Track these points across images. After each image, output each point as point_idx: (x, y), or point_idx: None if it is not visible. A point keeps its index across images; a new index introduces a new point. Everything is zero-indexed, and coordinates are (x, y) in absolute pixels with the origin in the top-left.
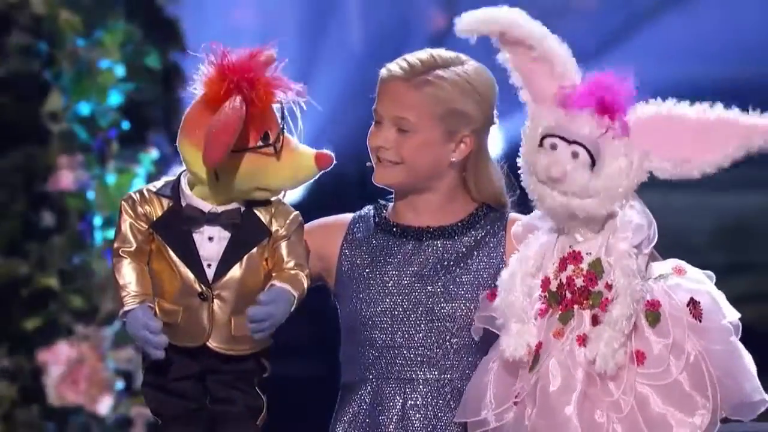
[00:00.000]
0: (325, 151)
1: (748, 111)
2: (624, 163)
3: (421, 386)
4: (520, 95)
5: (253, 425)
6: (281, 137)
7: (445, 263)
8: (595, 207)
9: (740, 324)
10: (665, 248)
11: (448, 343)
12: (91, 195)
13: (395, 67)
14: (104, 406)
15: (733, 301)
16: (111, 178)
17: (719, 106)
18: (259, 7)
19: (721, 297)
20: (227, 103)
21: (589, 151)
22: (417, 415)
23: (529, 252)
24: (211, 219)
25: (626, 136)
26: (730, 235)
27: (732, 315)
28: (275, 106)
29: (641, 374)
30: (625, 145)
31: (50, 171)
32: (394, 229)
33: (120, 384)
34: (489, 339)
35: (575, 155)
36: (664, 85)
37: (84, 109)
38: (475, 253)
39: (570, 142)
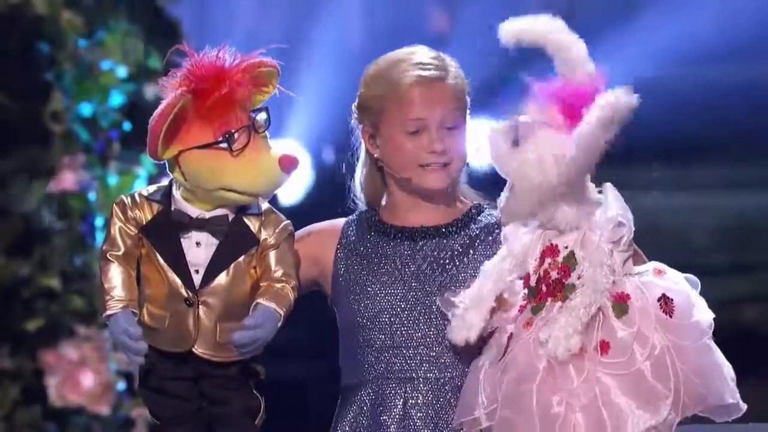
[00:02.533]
0: (290, 153)
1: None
2: (538, 156)
3: (421, 385)
4: None
5: (251, 425)
6: (244, 137)
7: (442, 261)
8: (510, 196)
9: (713, 324)
10: (667, 248)
11: (446, 341)
12: (92, 196)
13: (426, 72)
14: (106, 406)
15: (735, 301)
16: (112, 179)
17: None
18: (260, 7)
19: (697, 298)
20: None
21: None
22: (419, 414)
23: (513, 249)
24: (199, 224)
25: (567, 138)
26: (732, 236)
27: (705, 315)
28: (257, 113)
29: (605, 364)
30: (553, 144)
31: (52, 172)
32: (389, 231)
33: (121, 385)
34: (489, 338)
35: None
36: (664, 86)
37: (85, 109)
38: (471, 251)
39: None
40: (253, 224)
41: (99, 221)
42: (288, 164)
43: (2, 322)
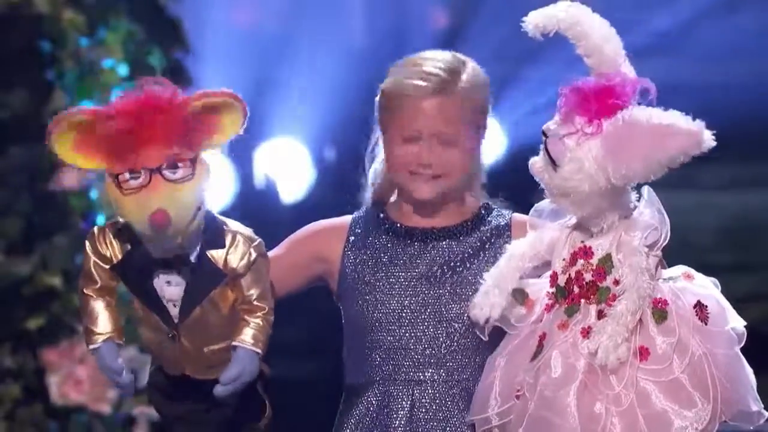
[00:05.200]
0: (163, 210)
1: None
2: (580, 165)
3: (429, 387)
4: None
5: (255, 427)
6: (145, 178)
7: (452, 264)
8: (568, 206)
9: (745, 332)
10: (669, 248)
11: (455, 344)
12: (93, 194)
13: (425, 83)
14: (107, 405)
15: (737, 300)
16: None
17: (673, 112)
18: (261, 6)
19: (727, 304)
20: None
21: (547, 151)
22: (426, 417)
23: (542, 240)
24: (164, 265)
25: (596, 138)
26: (734, 235)
27: (737, 322)
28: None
29: (643, 370)
30: (589, 149)
31: (53, 170)
32: (399, 230)
33: None
34: (496, 339)
35: (543, 153)
36: (669, 85)
37: None
38: (481, 253)
39: (546, 139)
40: (217, 258)
41: (100, 220)
42: (156, 223)
43: (4, 321)
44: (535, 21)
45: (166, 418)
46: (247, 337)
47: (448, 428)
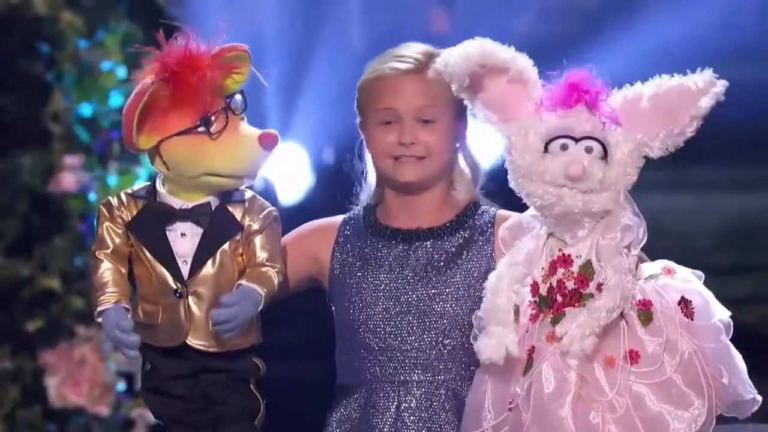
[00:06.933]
0: (269, 130)
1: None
2: (628, 148)
3: (415, 388)
4: (491, 127)
5: (251, 425)
6: (222, 120)
7: (436, 263)
8: (608, 200)
9: (731, 322)
10: (668, 250)
11: (441, 344)
12: (92, 196)
13: (401, 64)
14: (105, 407)
15: (737, 302)
16: (112, 180)
17: (668, 78)
18: (261, 8)
19: (710, 296)
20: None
21: (601, 143)
22: (411, 417)
23: (518, 257)
24: (182, 215)
25: (619, 125)
26: (734, 237)
27: (722, 314)
28: (232, 97)
29: (635, 373)
30: (623, 133)
31: (52, 172)
32: (384, 232)
33: (121, 385)
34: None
35: (589, 150)
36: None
37: (86, 110)
38: (465, 252)
39: (578, 140)
40: (236, 211)
41: None
42: (268, 141)
43: (2, 323)
44: (449, 67)
45: (162, 419)
46: (251, 278)
47: (434, 429)
